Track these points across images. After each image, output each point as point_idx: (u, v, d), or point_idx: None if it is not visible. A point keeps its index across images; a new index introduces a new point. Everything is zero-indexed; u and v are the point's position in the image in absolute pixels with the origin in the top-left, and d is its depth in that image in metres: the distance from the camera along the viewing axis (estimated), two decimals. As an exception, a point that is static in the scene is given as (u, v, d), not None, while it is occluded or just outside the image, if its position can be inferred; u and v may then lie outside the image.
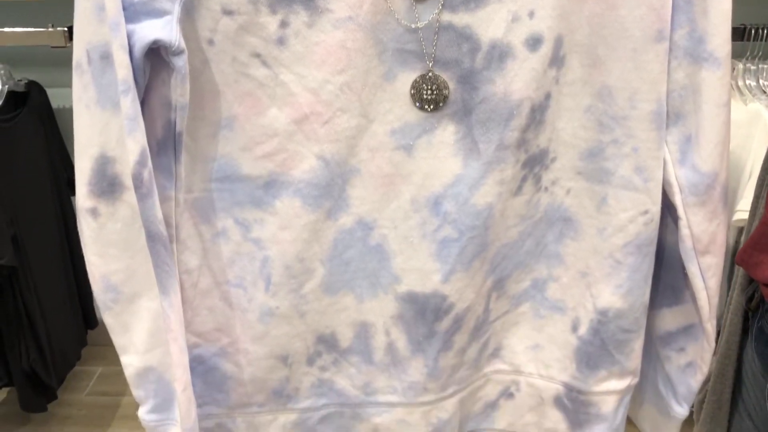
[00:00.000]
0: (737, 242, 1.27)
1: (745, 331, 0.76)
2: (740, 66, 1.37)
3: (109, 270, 0.57)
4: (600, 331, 0.64)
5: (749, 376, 0.73)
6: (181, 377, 0.56)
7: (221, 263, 0.59)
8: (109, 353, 2.23)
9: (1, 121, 1.53)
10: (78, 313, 1.81)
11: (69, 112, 2.03)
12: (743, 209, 1.23)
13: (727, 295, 1.01)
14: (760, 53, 1.37)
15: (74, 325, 1.78)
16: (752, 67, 1.40)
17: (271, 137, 0.56)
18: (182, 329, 0.57)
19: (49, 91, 1.72)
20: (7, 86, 1.58)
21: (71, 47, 0.54)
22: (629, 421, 0.73)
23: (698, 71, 0.56)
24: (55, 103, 1.75)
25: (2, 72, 1.57)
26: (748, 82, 1.41)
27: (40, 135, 1.68)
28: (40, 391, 1.64)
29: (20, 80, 1.63)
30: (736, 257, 0.74)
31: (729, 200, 0.64)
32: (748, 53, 1.37)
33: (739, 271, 0.81)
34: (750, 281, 0.76)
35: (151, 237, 0.54)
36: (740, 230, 1.28)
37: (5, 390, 1.86)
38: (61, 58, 1.80)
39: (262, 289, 0.60)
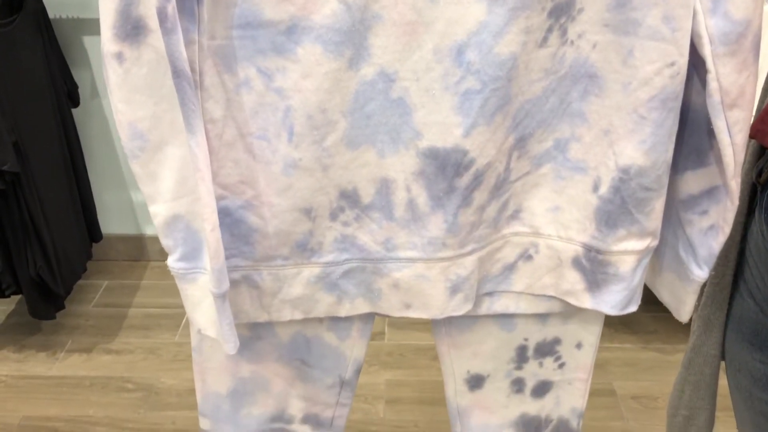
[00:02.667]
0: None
1: (750, 211, 0.76)
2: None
3: (136, 117, 0.57)
4: (621, 189, 0.64)
5: (753, 254, 0.74)
6: (209, 217, 0.57)
7: (245, 114, 0.59)
8: (114, 267, 2.28)
9: (-3, 25, 1.50)
10: (82, 224, 1.82)
11: (66, 22, 1.98)
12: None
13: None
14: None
15: (79, 235, 1.79)
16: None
17: None
18: (209, 170, 0.57)
19: (45, 1, 1.67)
20: (1, -11, 1.54)
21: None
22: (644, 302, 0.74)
23: None
24: (51, 13, 1.71)
25: (-5, -25, 1.52)
26: (762, -17, 1.38)
27: (38, 43, 1.64)
28: (48, 298, 1.66)
29: (14, -16, 1.58)
30: (749, 132, 0.74)
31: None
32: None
33: (748, 149, 0.81)
34: (759, 156, 0.76)
35: (177, 73, 0.53)
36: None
37: (15, 300, 1.89)
38: (56, -41, 1.74)
39: (285, 140, 0.60)
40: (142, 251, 2.10)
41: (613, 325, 1.80)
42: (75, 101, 1.80)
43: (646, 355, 1.72)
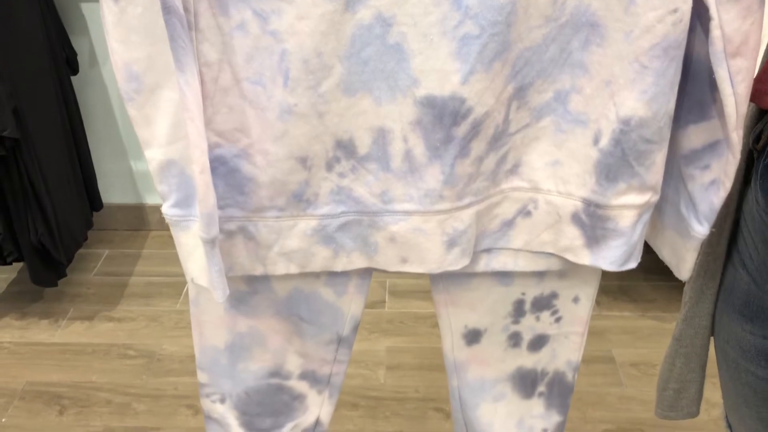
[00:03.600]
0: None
1: (746, 181, 0.75)
2: None
3: (131, 58, 0.57)
4: (621, 141, 0.63)
5: (747, 223, 0.73)
6: (198, 159, 0.56)
7: (240, 58, 0.58)
8: (115, 237, 2.28)
9: (-7, -11, 1.48)
10: (82, 192, 1.81)
11: (62, -13, 1.93)
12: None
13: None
14: None
15: (79, 203, 1.79)
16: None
17: None
18: (200, 112, 0.56)
19: (42, -36, 1.65)
20: (-4, -49, 1.52)
21: None
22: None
23: None
24: (48, -22, 1.69)
25: (-9, -63, 1.50)
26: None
27: (35, 8, 1.62)
28: (49, 265, 1.66)
29: (9, -54, 1.56)
30: None
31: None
32: None
33: (747, 113, 0.79)
34: (757, 121, 0.75)
35: (167, 9, 0.52)
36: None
37: (17, 267, 1.89)
38: None
39: (280, 84, 0.59)
40: (142, 220, 2.10)
41: (613, 293, 1.80)
42: (74, 68, 1.78)
43: (644, 323, 1.73)
